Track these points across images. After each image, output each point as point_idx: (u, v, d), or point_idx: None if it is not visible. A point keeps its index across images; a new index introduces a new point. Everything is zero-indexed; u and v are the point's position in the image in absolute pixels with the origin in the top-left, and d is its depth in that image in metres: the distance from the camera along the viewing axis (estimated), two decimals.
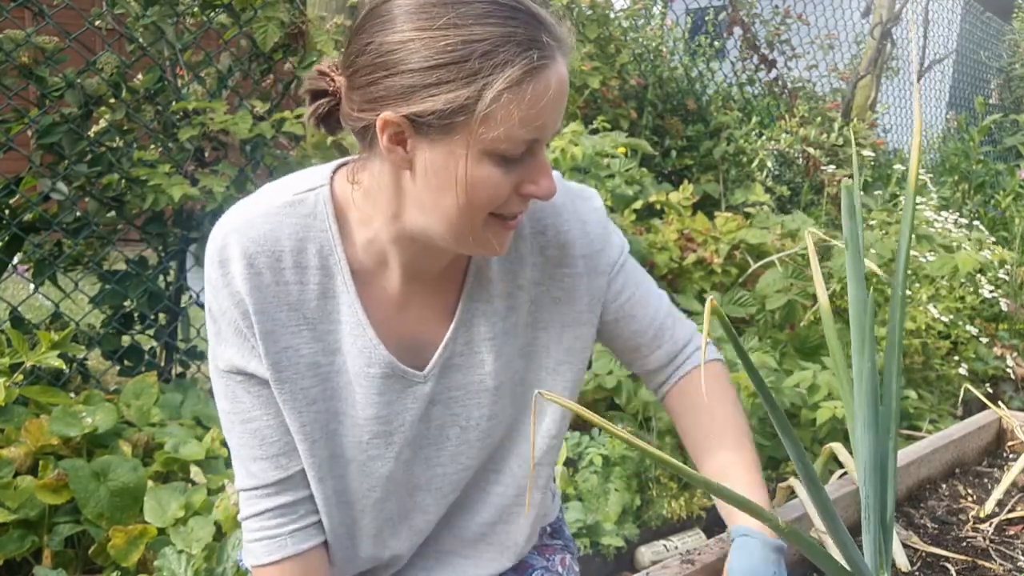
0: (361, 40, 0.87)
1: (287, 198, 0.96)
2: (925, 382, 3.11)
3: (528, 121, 0.84)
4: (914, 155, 0.77)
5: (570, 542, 1.32)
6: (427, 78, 0.82)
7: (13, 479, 1.87)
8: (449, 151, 0.85)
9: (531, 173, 0.89)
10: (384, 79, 0.84)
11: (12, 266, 2.51)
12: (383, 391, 1.00)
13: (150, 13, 2.51)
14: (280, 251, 0.94)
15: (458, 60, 0.81)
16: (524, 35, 0.83)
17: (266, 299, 0.94)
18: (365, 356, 0.98)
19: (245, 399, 0.99)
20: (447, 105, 0.82)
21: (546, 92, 0.84)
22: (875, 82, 5.02)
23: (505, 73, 0.81)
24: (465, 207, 0.87)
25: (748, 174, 4.01)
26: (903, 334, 0.80)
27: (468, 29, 0.81)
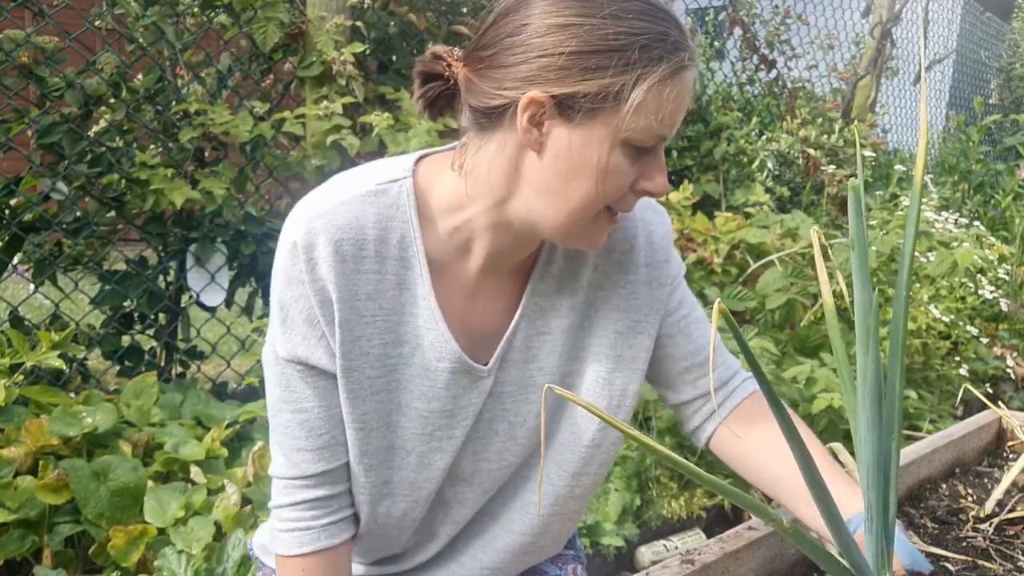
0: (513, 21, 0.88)
1: (370, 187, 0.96)
2: (925, 382, 3.11)
3: (665, 117, 0.87)
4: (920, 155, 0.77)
5: (580, 552, 1.32)
6: (585, 61, 0.84)
7: (13, 479, 1.87)
8: (588, 136, 0.87)
9: (651, 169, 0.91)
10: (538, 59, 0.86)
11: (12, 266, 2.51)
12: (449, 385, 1.00)
13: (150, 13, 2.51)
14: (364, 239, 0.94)
15: (618, 48, 0.84)
16: (675, 37, 0.87)
17: (348, 287, 0.94)
18: (436, 349, 0.99)
19: (300, 388, 0.98)
20: (601, 90, 0.85)
21: (684, 92, 0.88)
22: (875, 82, 5.02)
23: (659, 68, 0.85)
24: (590, 194, 0.89)
25: (748, 174, 4.01)
26: (906, 334, 0.80)
27: (628, 23, 0.85)
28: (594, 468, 1.11)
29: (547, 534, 1.15)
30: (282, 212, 2.85)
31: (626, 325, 1.06)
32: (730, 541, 1.07)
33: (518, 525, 1.12)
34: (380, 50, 2.90)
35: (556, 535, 1.17)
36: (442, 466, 1.04)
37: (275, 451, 1.03)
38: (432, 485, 1.05)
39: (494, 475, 1.08)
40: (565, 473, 1.09)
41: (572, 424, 1.09)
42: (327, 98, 2.61)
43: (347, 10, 2.73)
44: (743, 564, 1.07)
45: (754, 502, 0.71)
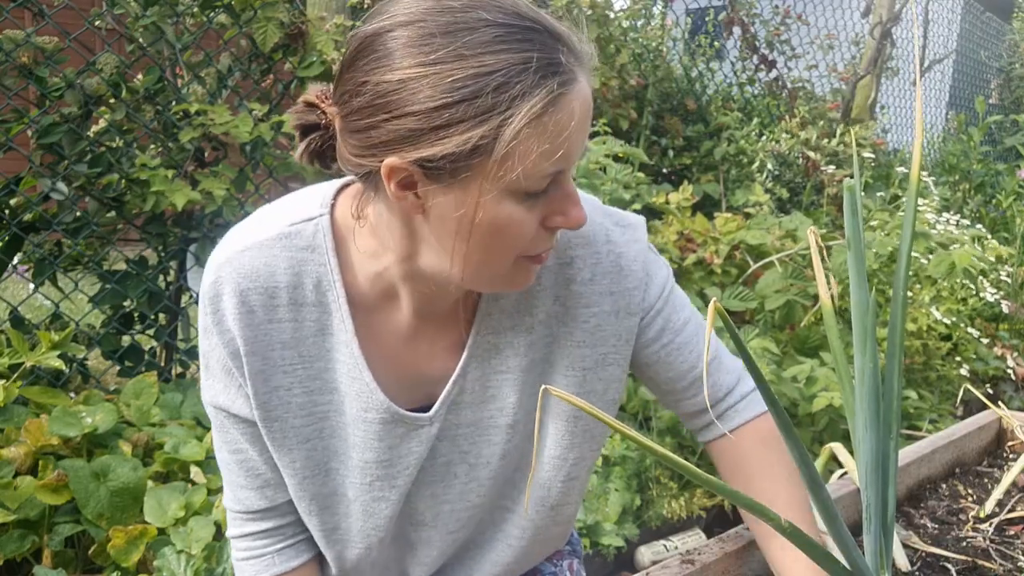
0: (355, 79, 0.77)
1: (283, 229, 0.89)
2: (925, 382, 3.11)
3: (552, 153, 0.75)
4: (916, 156, 0.77)
5: (577, 545, 1.30)
6: (436, 119, 0.73)
7: (13, 479, 1.87)
8: (465, 195, 0.76)
9: (558, 205, 0.80)
10: (386, 123, 0.75)
11: (12, 266, 2.51)
12: (383, 436, 0.94)
13: (150, 13, 2.51)
14: (275, 287, 0.87)
15: (469, 97, 0.72)
16: (542, 59, 0.73)
17: (258, 338, 0.88)
18: (362, 400, 0.92)
19: (232, 432, 0.96)
20: (460, 147, 0.73)
21: (570, 120, 0.75)
22: (875, 82, 5.02)
23: (524, 105, 0.73)
24: (488, 250, 0.80)
25: (748, 175, 4.01)
26: (904, 334, 0.80)
27: (478, 59, 0.72)
28: (573, 497, 1.07)
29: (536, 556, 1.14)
30: None
31: (594, 360, 0.98)
32: (730, 541, 1.07)
33: (502, 556, 1.09)
34: None
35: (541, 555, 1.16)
36: (388, 514, 0.99)
37: (224, 483, 1.02)
38: (381, 532, 1.00)
39: (458, 515, 1.03)
40: (544, 507, 1.05)
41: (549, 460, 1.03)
42: None
43: (347, 10, 2.74)
44: (743, 564, 1.07)
45: (754, 502, 0.71)
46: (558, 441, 1.02)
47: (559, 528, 1.11)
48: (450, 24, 0.73)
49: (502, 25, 0.73)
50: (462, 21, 0.73)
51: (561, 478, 1.03)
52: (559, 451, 1.02)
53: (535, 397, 0.98)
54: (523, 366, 0.96)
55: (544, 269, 0.94)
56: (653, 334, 1.00)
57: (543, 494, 1.04)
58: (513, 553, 1.09)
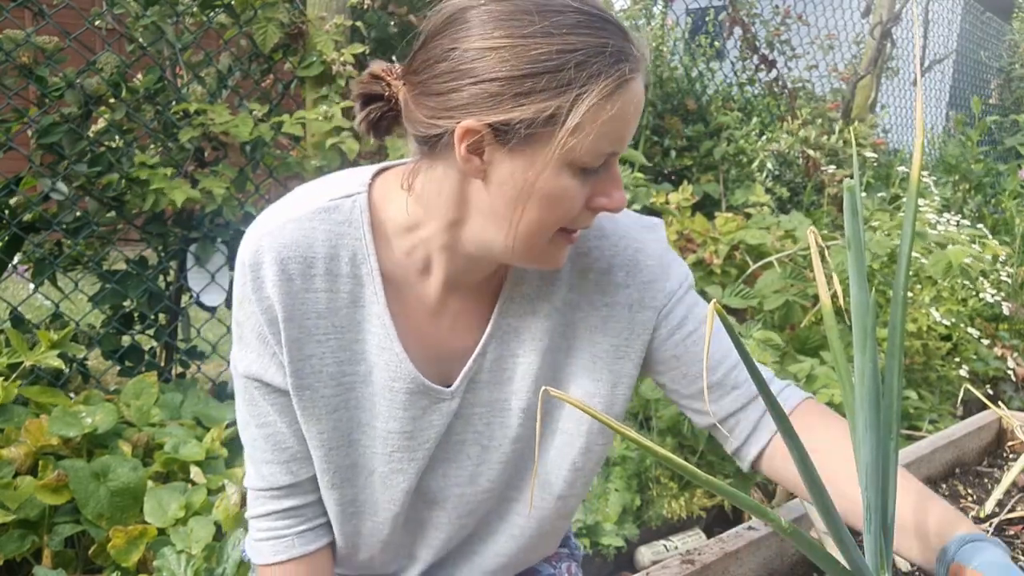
0: (441, 45, 0.83)
1: (322, 203, 0.93)
2: (925, 382, 3.11)
3: (612, 133, 0.83)
4: (916, 156, 0.77)
5: (576, 549, 1.31)
6: (518, 86, 0.79)
7: (13, 479, 1.87)
8: (530, 161, 0.82)
9: (604, 185, 0.87)
10: (469, 86, 0.81)
11: (12, 266, 2.51)
12: (408, 406, 0.97)
13: (150, 13, 2.51)
14: (312, 257, 0.92)
15: (552, 69, 0.79)
16: (615, 47, 0.81)
17: (295, 306, 0.92)
18: (391, 370, 0.96)
19: (262, 404, 0.98)
20: (537, 114, 0.79)
21: (631, 105, 0.83)
22: (875, 82, 5.02)
23: (598, 84, 0.80)
24: (539, 219, 0.85)
25: (748, 174, 4.01)
26: (904, 334, 0.80)
27: (562, 38, 0.79)
28: (578, 489, 1.08)
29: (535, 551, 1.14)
30: None
31: (605, 349, 1.01)
32: (730, 541, 1.07)
33: (505, 547, 1.10)
34: (380, 50, 2.90)
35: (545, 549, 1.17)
36: (405, 487, 1.01)
37: (246, 461, 1.03)
38: (396, 507, 1.02)
39: (467, 499, 1.05)
40: (550, 496, 1.07)
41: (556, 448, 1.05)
42: (327, 98, 2.61)
43: (347, 10, 2.73)
44: (743, 564, 1.07)
45: (754, 502, 0.71)
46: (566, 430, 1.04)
47: (561, 522, 1.12)
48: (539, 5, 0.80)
49: (585, 12, 0.81)
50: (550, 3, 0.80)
51: (567, 467, 1.05)
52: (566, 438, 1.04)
53: (550, 384, 1.01)
54: (539, 350, 1.00)
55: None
56: (674, 323, 1.00)
57: (549, 481, 1.06)
58: (516, 544, 1.10)
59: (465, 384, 0.99)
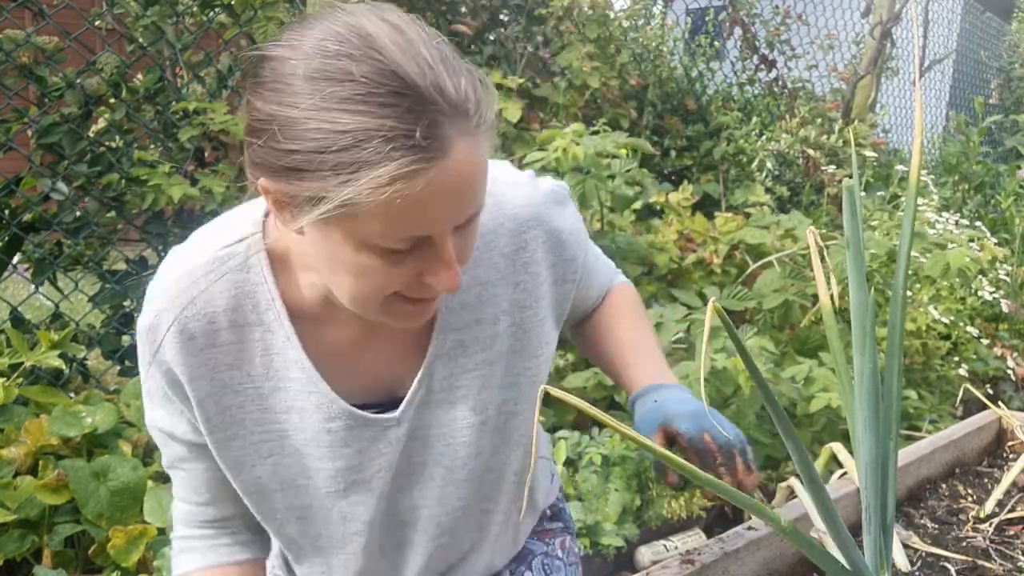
0: (247, 97, 0.76)
1: (216, 253, 0.87)
2: (925, 382, 3.11)
3: (405, 222, 0.72)
4: (915, 155, 0.77)
5: (569, 522, 1.29)
6: (287, 160, 0.71)
7: (13, 479, 1.87)
8: (327, 234, 0.75)
9: (430, 264, 0.77)
10: (258, 146, 0.74)
11: (12, 266, 2.51)
12: (350, 442, 0.92)
13: (150, 13, 2.51)
14: (213, 312, 0.86)
15: (317, 151, 0.69)
16: (397, 130, 0.68)
17: (202, 363, 0.87)
18: (323, 411, 0.91)
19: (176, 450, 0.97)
20: (307, 194, 0.71)
21: (426, 194, 0.70)
22: (875, 82, 5.02)
23: (368, 173, 0.68)
24: (356, 287, 0.78)
25: (748, 174, 4.01)
26: (904, 334, 0.80)
27: (332, 115, 0.68)
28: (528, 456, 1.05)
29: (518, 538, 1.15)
30: None
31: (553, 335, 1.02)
32: (730, 541, 1.07)
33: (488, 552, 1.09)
34: None
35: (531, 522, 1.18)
36: (367, 519, 0.97)
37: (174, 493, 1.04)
38: (363, 538, 0.98)
39: (439, 519, 1.01)
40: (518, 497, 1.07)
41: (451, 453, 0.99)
42: None
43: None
44: (743, 564, 1.07)
45: (754, 502, 0.71)
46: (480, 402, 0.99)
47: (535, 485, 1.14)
48: (317, 71, 0.70)
49: (366, 84, 0.68)
50: (329, 70, 0.69)
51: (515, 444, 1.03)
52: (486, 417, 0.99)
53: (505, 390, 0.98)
54: (490, 359, 0.96)
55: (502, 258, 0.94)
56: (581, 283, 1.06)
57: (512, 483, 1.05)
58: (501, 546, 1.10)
59: (414, 408, 0.94)
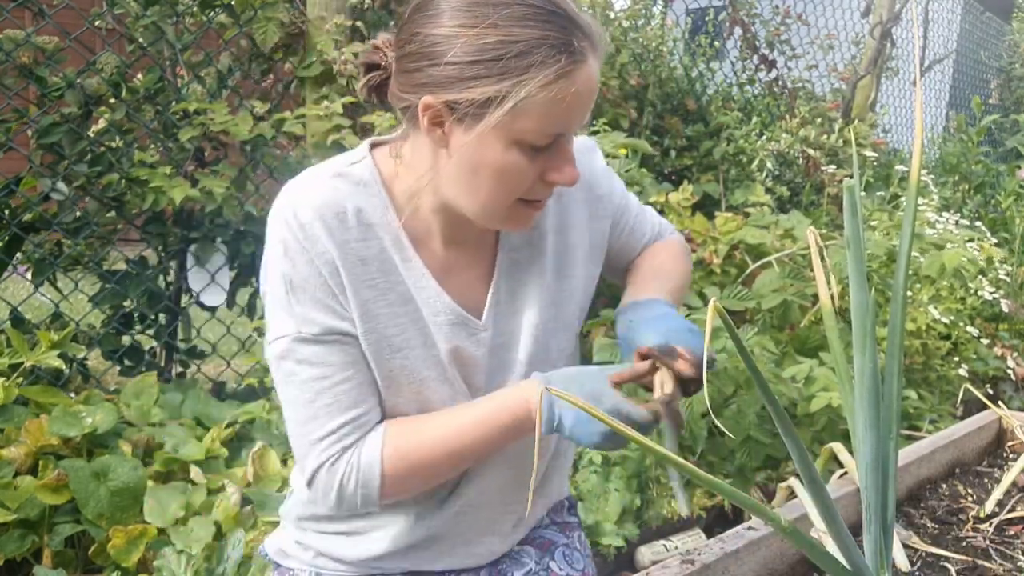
0: (409, 29, 0.94)
1: (337, 170, 1.02)
2: (925, 382, 3.11)
3: (555, 116, 0.91)
4: (916, 155, 0.77)
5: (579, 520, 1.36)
6: (466, 71, 0.89)
7: (13, 479, 1.87)
8: (481, 138, 0.92)
9: (556, 161, 0.96)
10: (428, 67, 0.91)
11: (12, 266, 2.51)
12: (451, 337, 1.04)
13: (150, 13, 2.51)
14: (343, 212, 0.99)
15: (495, 58, 0.88)
16: (557, 39, 0.89)
17: (344, 253, 0.98)
18: (431, 305, 1.03)
19: (345, 355, 0.99)
20: (482, 97, 0.89)
21: (573, 92, 0.90)
22: (875, 82, 5.01)
23: (537, 73, 0.88)
24: (493, 190, 0.95)
25: (748, 174, 4.01)
26: (904, 334, 0.80)
27: (507, 30, 0.88)
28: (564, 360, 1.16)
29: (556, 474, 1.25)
30: None
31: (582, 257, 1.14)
32: (730, 541, 1.07)
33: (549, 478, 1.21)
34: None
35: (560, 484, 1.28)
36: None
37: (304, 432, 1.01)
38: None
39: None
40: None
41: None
42: (327, 98, 2.61)
43: (347, 10, 2.73)
44: (743, 564, 1.07)
45: (754, 502, 0.71)
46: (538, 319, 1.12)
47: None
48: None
49: (531, 6, 0.89)
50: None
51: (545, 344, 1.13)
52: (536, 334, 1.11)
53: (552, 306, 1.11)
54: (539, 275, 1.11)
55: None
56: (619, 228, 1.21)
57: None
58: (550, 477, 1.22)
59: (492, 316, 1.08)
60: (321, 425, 1.00)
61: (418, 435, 1.01)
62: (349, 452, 1.00)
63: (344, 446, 1.00)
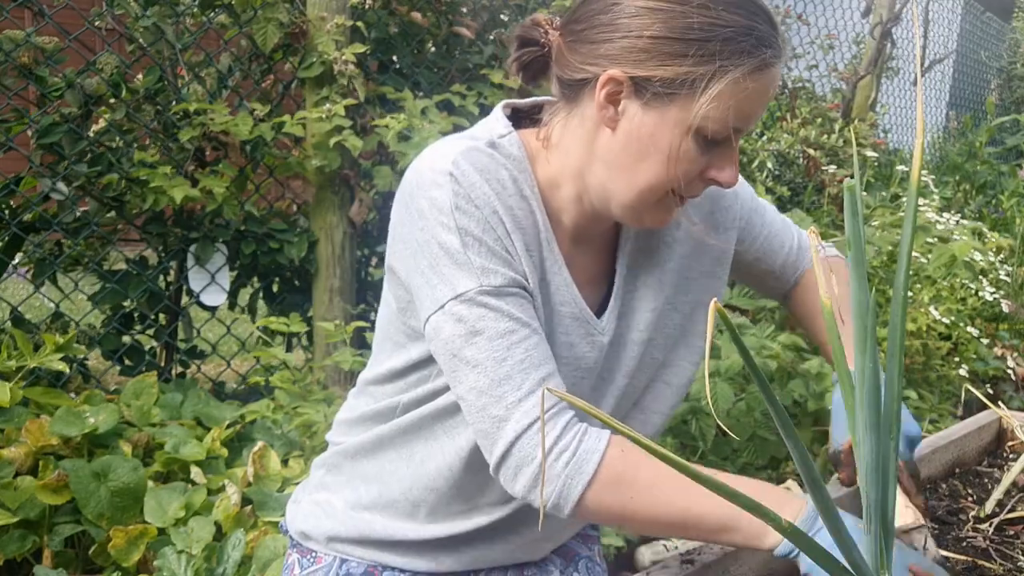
0: (603, 1, 0.90)
1: (489, 139, 0.97)
2: (926, 382, 3.10)
3: (742, 110, 0.88)
4: (917, 155, 0.77)
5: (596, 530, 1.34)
6: (667, 47, 0.86)
7: (13, 479, 1.87)
8: (661, 120, 0.89)
9: (721, 159, 0.92)
10: (621, 39, 0.88)
11: (12, 266, 2.51)
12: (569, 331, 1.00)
13: (150, 13, 2.51)
14: (502, 179, 0.94)
15: (701, 39, 0.85)
16: (763, 32, 0.88)
17: (511, 216, 0.94)
18: (560, 294, 1.00)
19: (528, 311, 0.93)
20: (677, 77, 0.86)
21: (765, 88, 0.89)
22: (875, 82, 5.01)
23: (740, 62, 0.86)
24: (657, 176, 0.91)
25: (749, 174, 4.01)
26: (905, 334, 0.80)
27: (716, 13, 0.86)
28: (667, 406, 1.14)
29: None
30: (282, 212, 2.86)
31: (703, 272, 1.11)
32: None
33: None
34: (381, 50, 2.90)
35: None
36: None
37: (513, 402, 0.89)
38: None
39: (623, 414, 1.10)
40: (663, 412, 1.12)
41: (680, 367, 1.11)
42: (328, 98, 2.61)
43: (347, 10, 2.73)
44: (743, 564, 1.07)
45: (754, 502, 0.71)
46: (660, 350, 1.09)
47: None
48: None
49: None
50: None
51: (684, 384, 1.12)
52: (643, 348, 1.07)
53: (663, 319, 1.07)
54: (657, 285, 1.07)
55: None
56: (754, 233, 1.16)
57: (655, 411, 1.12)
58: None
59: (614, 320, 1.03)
60: (517, 386, 0.89)
61: (649, 459, 0.87)
62: (564, 425, 0.89)
63: (554, 412, 0.90)
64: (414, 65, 2.96)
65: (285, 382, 2.33)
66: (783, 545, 0.87)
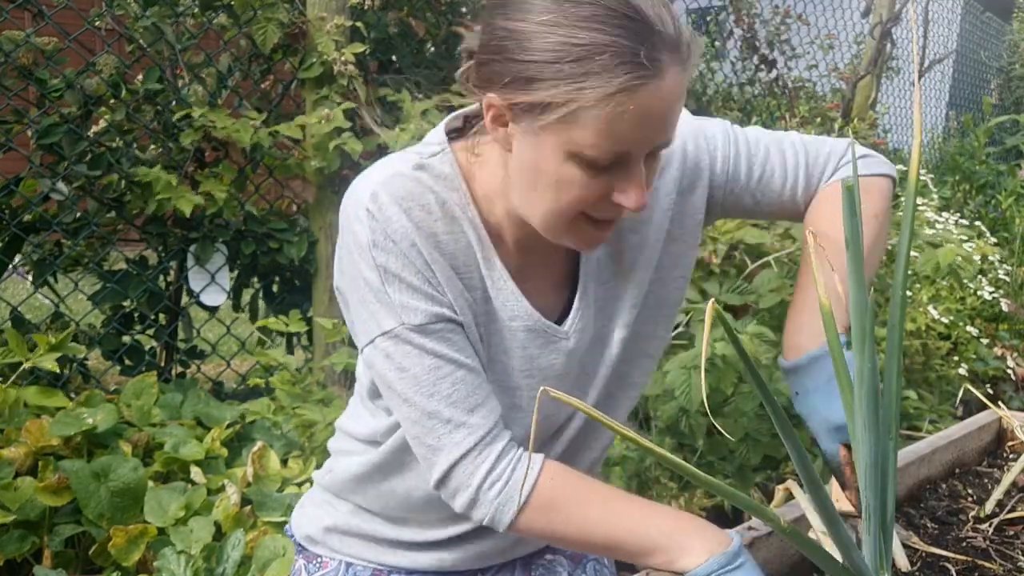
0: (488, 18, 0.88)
1: (417, 162, 0.95)
2: (925, 382, 3.10)
3: (615, 134, 0.81)
4: (915, 155, 0.77)
5: None
6: (525, 70, 0.82)
7: (13, 480, 1.87)
8: (539, 145, 0.85)
9: (623, 183, 0.86)
10: (495, 63, 0.85)
11: (12, 266, 2.51)
12: (526, 345, 0.99)
13: (150, 13, 2.51)
14: (428, 204, 0.92)
15: (552, 60, 0.80)
16: (626, 48, 0.78)
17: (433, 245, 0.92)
18: (508, 309, 0.98)
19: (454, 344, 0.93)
20: (541, 102, 0.81)
21: (646, 107, 0.81)
22: (875, 82, 5.01)
23: (595, 83, 0.79)
24: (552, 200, 0.87)
25: None
26: (903, 334, 0.80)
27: (570, 31, 0.79)
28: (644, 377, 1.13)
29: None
30: (282, 212, 2.86)
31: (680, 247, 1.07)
32: None
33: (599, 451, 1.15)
34: (380, 50, 2.90)
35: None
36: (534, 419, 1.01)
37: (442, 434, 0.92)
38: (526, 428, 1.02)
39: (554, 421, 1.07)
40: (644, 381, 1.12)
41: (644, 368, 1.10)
42: (327, 99, 2.61)
43: (347, 10, 2.73)
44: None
45: (753, 502, 0.72)
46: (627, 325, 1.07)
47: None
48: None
49: (602, 6, 0.79)
50: None
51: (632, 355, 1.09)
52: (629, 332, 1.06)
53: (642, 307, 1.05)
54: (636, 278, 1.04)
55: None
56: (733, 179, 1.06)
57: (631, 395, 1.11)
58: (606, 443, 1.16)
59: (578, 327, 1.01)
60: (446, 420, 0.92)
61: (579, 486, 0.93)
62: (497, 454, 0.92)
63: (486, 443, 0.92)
64: (414, 65, 2.96)
65: (285, 383, 2.33)
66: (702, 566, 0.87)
